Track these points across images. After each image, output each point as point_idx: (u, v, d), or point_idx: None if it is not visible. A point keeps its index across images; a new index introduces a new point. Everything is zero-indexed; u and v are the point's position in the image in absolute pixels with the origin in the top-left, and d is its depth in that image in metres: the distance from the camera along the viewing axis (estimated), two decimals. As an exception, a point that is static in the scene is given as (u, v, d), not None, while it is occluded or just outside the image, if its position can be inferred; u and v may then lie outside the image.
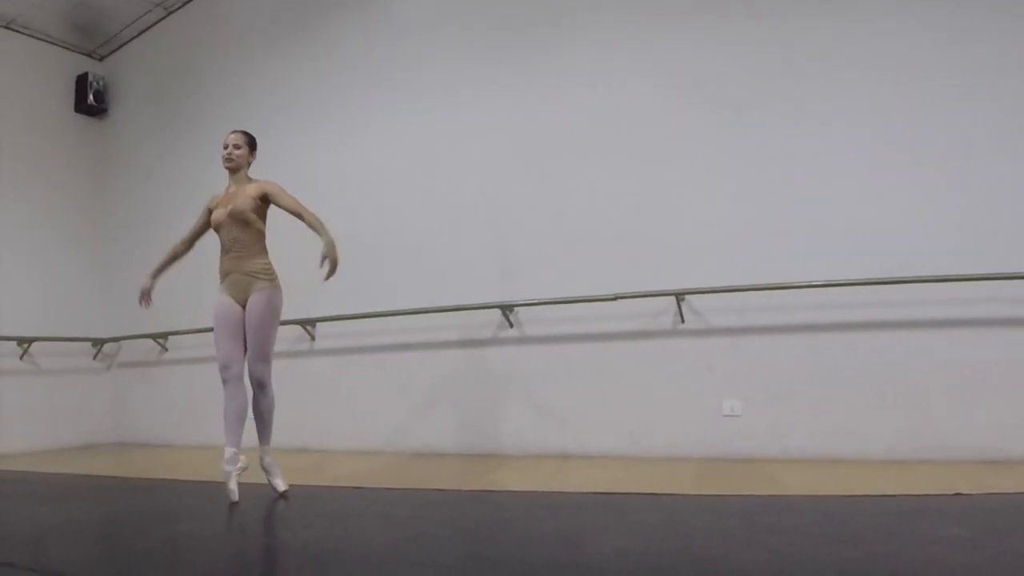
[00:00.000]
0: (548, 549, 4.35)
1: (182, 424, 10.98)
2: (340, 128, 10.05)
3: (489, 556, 4.34)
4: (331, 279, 5.87)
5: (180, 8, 11.74)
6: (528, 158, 8.78)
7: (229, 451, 5.90)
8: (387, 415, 9.25)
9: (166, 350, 11.43)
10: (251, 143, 6.44)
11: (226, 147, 6.33)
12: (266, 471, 6.26)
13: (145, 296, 6.83)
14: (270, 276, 6.19)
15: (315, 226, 5.96)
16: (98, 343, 11.85)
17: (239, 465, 5.93)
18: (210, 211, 6.43)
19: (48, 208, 11.60)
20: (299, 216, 6.06)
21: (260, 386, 6.15)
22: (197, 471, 7.96)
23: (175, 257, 6.70)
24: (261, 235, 6.26)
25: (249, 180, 6.35)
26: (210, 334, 9.70)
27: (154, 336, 11.30)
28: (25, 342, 10.81)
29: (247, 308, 6.11)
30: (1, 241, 10.91)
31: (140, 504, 6.40)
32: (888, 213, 7.15)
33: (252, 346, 6.08)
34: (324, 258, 5.80)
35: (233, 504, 5.73)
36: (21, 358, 10.84)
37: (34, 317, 11.08)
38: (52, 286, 11.48)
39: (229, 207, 6.17)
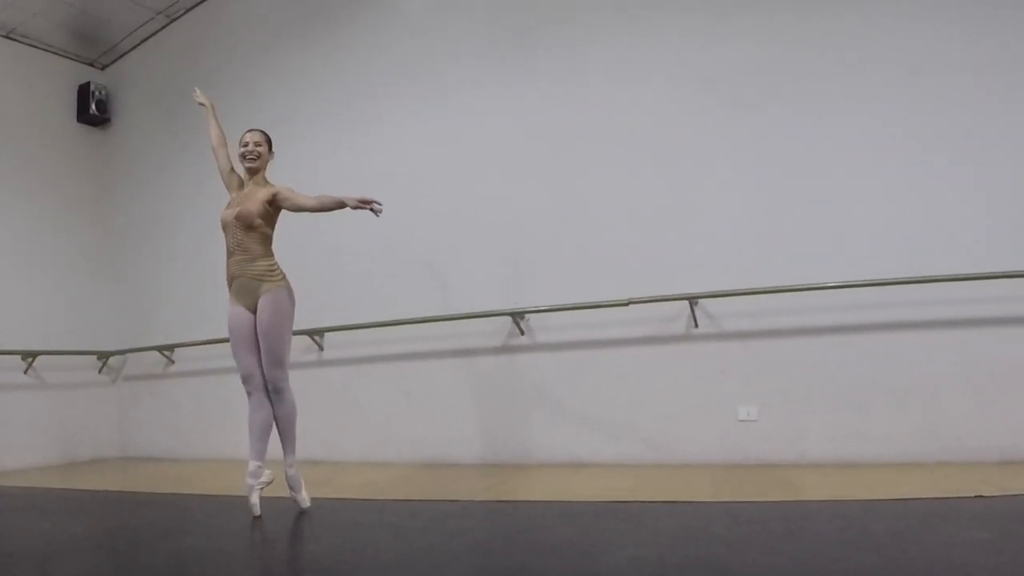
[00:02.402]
0: (562, 559, 4.36)
1: (189, 437, 11.01)
2: (345, 134, 10.08)
3: (502, 568, 4.35)
4: (378, 216, 5.87)
5: (182, 16, 11.77)
6: (537, 161, 8.79)
7: (253, 464, 5.86)
8: (397, 425, 9.27)
9: (172, 362, 11.44)
10: (270, 141, 6.40)
11: (246, 145, 6.26)
12: (289, 485, 6.11)
13: (199, 94, 6.89)
14: (276, 277, 6.07)
15: (328, 206, 5.94)
16: (103, 356, 11.87)
17: (263, 479, 5.87)
18: (230, 174, 6.45)
19: (51, 219, 11.62)
20: (312, 210, 6.07)
21: (276, 391, 6.01)
22: (204, 485, 7.99)
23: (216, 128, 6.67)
24: (267, 238, 6.14)
25: (266, 183, 6.27)
26: (216, 346, 9.89)
27: (160, 348, 11.32)
28: (29, 356, 10.83)
29: (257, 312, 6.01)
30: (3, 253, 10.93)
31: (147, 519, 6.40)
32: (904, 212, 7.16)
33: (264, 350, 5.97)
34: (364, 206, 5.76)
35: (255, 519, 5.72)
36: (25, 372, 10.86)
37: (38, 330, 11.08)
38: (56, 299, 11.49)
39: (237, 209, 6.08)
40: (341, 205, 5.80)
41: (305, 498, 6.13)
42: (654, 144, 8.22)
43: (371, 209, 5.74)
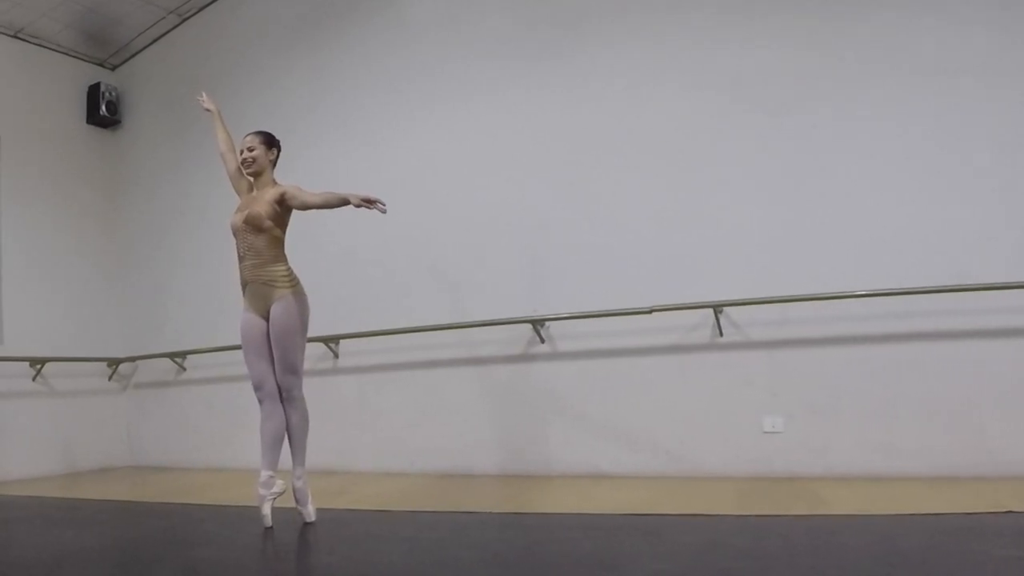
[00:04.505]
0: (582, 573, 4.38)
1: (201, 446, 11.04)
2: (359, 137, 10.13)
3: (520, 581, 4.36)
4: (383, 215, 5.78)
5: (194, 15, 11.82)
6: (558, 165, 8.80)
7: (265, 474, 5.87)
8: (414, 435, 9.29)
9: (184, 370, 11.48)
10: (267, 141, 6.37)
11: (241, 152, 6.31)
12: (296, 498, 6.11)
13: (205, 99, 6.93)
14: (291, 283, 6.10)
15: (332, 202, 5.88)
16: (113, 363, 11.92)
17: (274, 489, 5.88)
18: (237, 172, 6.49)
19: (60, 223, 11.67)
20: (317, 207, 6.03)
21: (289, 399, 6.05)
22: (216, 495, 8.02)
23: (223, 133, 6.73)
24: (278, 241, 6.17)
25: (274, 183, 6.29)
26: (229, 353, 9.91)
27: (171, 355, 11.35)
28: (38, 363, 10.87)
29: (270, 319, 6.03)
30: (12, 257, 10.98)
31: (157, 530, 6.45)
32: (934, 219, 7.13)
33: (277, 357, 6.00)
34: (367, 205, 5.66)
35: (268, 530, 5.75)
36: (34, 379, 10.90)
37: (47, 337, 11.12)
38: (65, 304, 11.54)
39: (246, 212, 6.12)
40: (345, 202, 5.75)
41: (311, 512, 6.13)
42: (677, 148, 8.22)
43: (376, 208, 5.71)
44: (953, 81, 7.19)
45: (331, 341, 9.80)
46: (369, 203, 5.64)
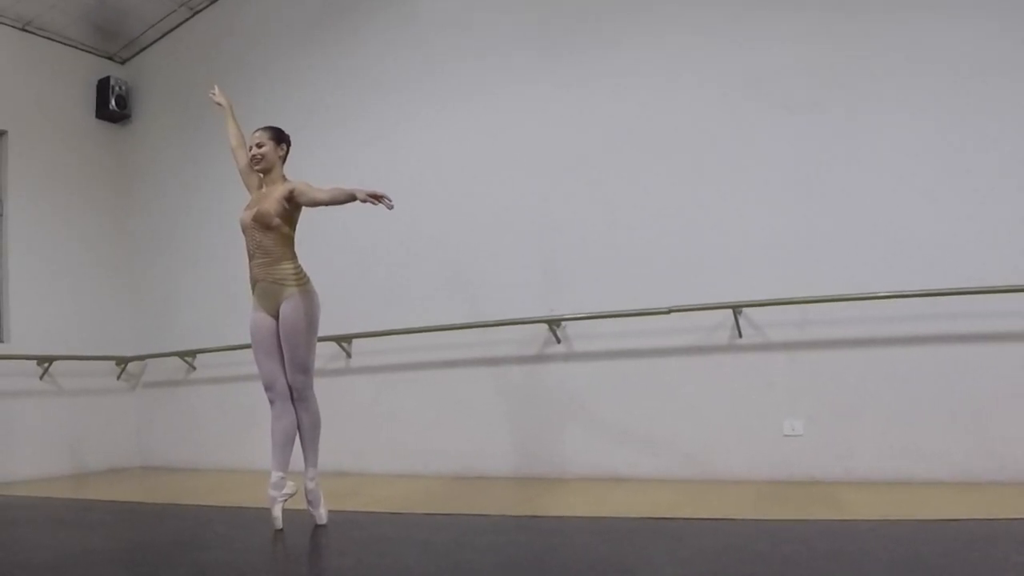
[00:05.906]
0: (598, 578, 4.40)
1: (211, 447, 11.07)
2: (371, 134, 10.14)
3: (535, 585, 4.38)
4: (390, 211, 5.68)
5: (205, 8, 11.83)
6: (575, 164, 8.80)
7: (275, 475, 5.88)
8: (428, 436, 9.32)
9: (194, 369, 11.51)
10: (277, 137, 6.36)
11: (250, 148, 6.31)
12: (308, 499, 6.14)
13: (217, 93, 7.00)
14: (300, 281, 6.10)
15: (338, 198, 5.83)
16: (122, 362, 11.93)
17: (285, 491, 5.90)
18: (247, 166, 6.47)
19: (68, 219, 11.69)
20: (325, 203, 5.98)
21: (300, 399, 6.06)
22: (226, 497, 8.06)
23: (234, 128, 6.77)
24: (288, 239, 6.17)
25: (283, 180, 6.29)
26: (240, 352, 9.95)
27: (181, 354, 11.38)
28: (45, 361, 10.89)
29: (279, 318, 6.04)
30: (19, 254, 11.03)
31: (166, 531, 6.50)
32: (957, 219, 7.11)
33: (287, 356, 6.02)
34: (373, 200, 5.61)
35: (278, 532, 5.77)
36: (41, 378, 10.93)
37: (55, 335, 11.14)
38: (73, 302, 11.55)
39: (255, 209, 6.13)
40: (352, 198, 5.70)
41: (323, 514, 6.15)
42: (696, 146, 8.23)
43: (382, 204, 5.67)
44: (976, 80, 7.17)
45: (343, 340, 9.83)
46: (376, 198, 5.65)
